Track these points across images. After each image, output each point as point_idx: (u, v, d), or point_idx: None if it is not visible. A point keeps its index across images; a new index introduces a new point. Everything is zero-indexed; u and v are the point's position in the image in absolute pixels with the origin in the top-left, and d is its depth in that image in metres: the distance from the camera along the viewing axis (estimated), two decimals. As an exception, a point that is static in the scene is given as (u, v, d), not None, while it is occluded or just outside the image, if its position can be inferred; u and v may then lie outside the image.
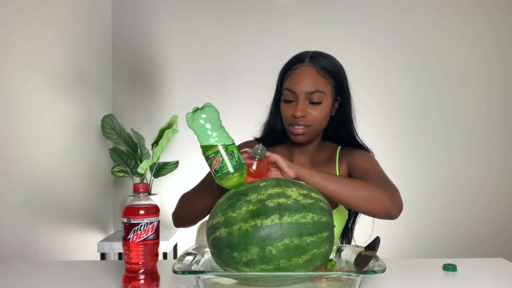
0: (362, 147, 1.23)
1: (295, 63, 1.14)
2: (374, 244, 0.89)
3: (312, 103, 1.10)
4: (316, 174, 0.96)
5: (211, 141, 0.86)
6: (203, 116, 0.85)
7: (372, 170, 1.13)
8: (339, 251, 0.96)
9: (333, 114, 1.18)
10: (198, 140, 0.87)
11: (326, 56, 1.15)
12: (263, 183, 0.83)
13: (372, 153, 1.23)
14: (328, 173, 0.99)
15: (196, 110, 0.86)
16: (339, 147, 1.26)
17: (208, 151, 0.86)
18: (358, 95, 1.24)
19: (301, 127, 1.12)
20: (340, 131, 1.24)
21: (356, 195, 0.96)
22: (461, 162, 2.78)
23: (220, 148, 0.85)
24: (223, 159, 0.85)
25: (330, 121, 1.18)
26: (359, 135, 1.25)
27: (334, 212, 1.16)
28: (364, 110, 1.40)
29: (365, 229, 1.28)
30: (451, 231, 2.76)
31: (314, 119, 1.11)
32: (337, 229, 1.22)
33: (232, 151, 0.86)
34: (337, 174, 1.21)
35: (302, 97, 1.10)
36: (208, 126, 0.86)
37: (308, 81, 1.09)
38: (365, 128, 1.36)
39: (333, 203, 1.15)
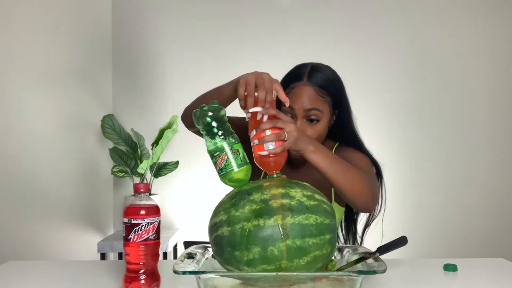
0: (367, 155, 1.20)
1: (293, 81, 1.13)
2: (395, 243, 0.88)
3: (310, 120, 1.11)
4: (311, 145, 0.93)
5: (217, 140, 0.86)
6: (209, 114, 0.86)
7: (360, 168, 1.10)
8: (340, 251, 0.96)
9: (330, 126, 1.18)
10: (204, 138, 0.87)
11: (323, 71, 1.15)
12: (267, 183, 0.83)
13: (378, 165, 1.20)
14: (325, 149, 0.97)
15: (203, 108, 0.87)
16: (336, 144, 1.24)
17: (213, 150, 0.86)
18: (359, 96, 1.22)
19: None
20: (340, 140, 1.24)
21: (345, 178, 0.95)
22: (461, 162, 2.78)
23: (226, 146, 0.86)
24: (228, 158, 0.85)
25: (328, 131, 1.18)
26: (367, 146, 1.22)
27: None
28: (363, 110, 1.38)
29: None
30: (451, 231, 2.75)
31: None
32: None
33: (237, 150, 0.87)
34: None
35: (300, 115, 1.10)
36: (214, 124, 0.86)
37: (305, 100, 1.10)
38: (361, 127, 1.33)
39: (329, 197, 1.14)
